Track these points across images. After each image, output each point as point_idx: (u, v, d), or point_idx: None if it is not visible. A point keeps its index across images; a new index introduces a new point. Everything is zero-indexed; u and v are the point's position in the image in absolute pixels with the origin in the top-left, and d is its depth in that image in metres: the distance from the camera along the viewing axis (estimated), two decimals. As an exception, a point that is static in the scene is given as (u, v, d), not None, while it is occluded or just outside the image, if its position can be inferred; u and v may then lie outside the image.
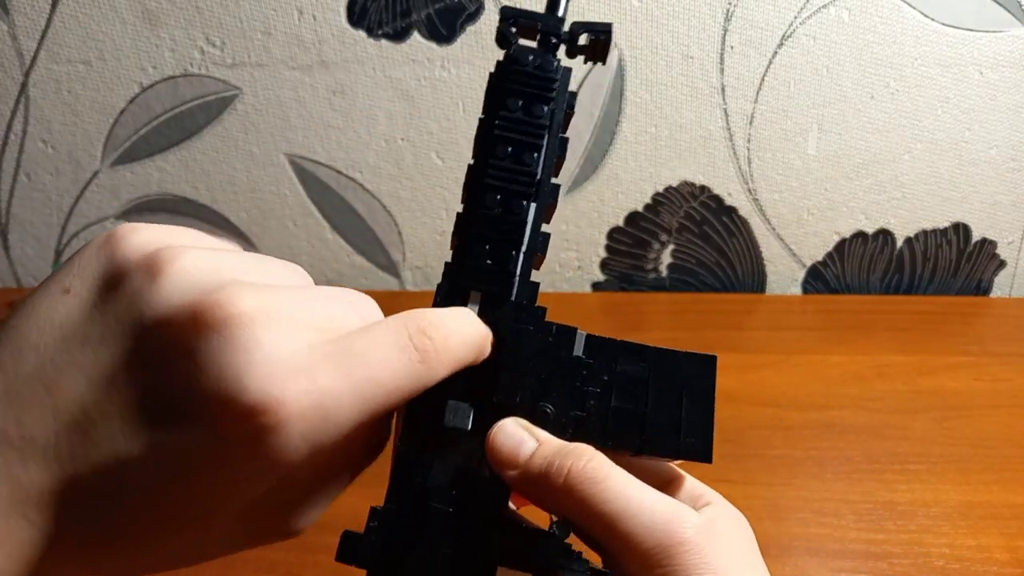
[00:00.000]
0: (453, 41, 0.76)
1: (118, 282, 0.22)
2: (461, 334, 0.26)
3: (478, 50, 0.76)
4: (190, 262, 0.23)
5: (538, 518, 0.28)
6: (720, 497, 0.29)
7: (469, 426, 0.27)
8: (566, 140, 0.31)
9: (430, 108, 0.79)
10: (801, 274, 0.87)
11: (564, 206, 0.84)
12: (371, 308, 0.25)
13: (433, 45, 0.77)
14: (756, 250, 0.85)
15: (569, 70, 0.30)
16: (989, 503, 0.55)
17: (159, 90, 0.80)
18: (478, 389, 0.27)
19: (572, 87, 0.31)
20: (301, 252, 0.87)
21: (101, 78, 0.79)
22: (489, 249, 0.28)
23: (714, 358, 0.30)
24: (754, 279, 0.87)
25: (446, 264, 0.29)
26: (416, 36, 0.76)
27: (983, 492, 0.56)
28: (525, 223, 0.29)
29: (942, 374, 0.69)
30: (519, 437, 0.27)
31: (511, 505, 0.29)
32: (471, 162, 0.30)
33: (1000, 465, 0.58)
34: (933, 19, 0.74)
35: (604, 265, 0.87)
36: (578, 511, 0.26)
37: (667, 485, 0.30)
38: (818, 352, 0.72)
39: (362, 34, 0.76)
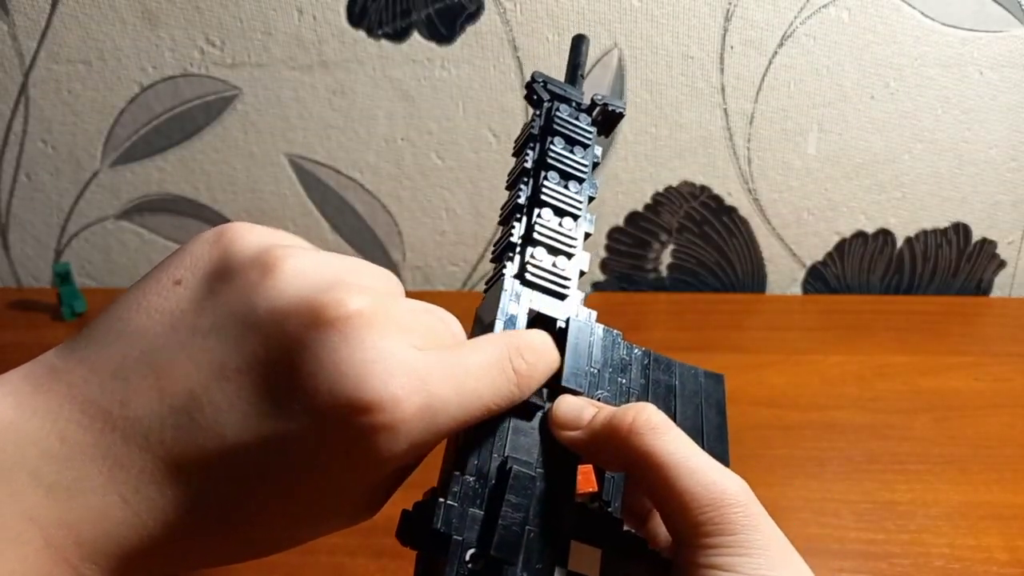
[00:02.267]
0: (453, 41, 0.76)
1: (231, 276, 0.23)
2: (547, 359, 0.28)
3: (478, 50, 0.76)
4: (302, 262, 0.24)
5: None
6: None
7: (545, 406, 0.29)
8: (595, 189, 0.36)
9: (430, 108, 0.79)
10: (801, 274, 0.87)
11: (564, 206, 0.84)
12: (458, 325, 0.27)
13: (433, 45, 0.77)
14: (756, 250, 0.85)
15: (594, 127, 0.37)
16: (989, 503, 0.55)
17: (159, 90, 0.80)
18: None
19: None
20: (301, 252, 0.87)
21: (101, 78, 0.79)
22: (551, 250, 0.32)
23: (723, 376, 0.34)
24: (754, 279, 0.87)
25: (505, 256, 0.32)
26: (416, 36, 0.76)
27: (983, 492, 0.56)
28: (576, 237, 0.33)
29: (942, 374, 0.69)
30: (580, 404, 0.29)
31: None
32: (519, 187, 0.34)
33: (1000, 465, 0.58)
34: (933, 19, 0.74)
35: (604, 265, 0.87)
36: (640, 460, 0.26)
37: None
38: (818, 352, 0.72)
39: (362, 34, 0.76)
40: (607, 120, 0.37)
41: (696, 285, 0.88)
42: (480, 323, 0.31)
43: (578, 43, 0.40)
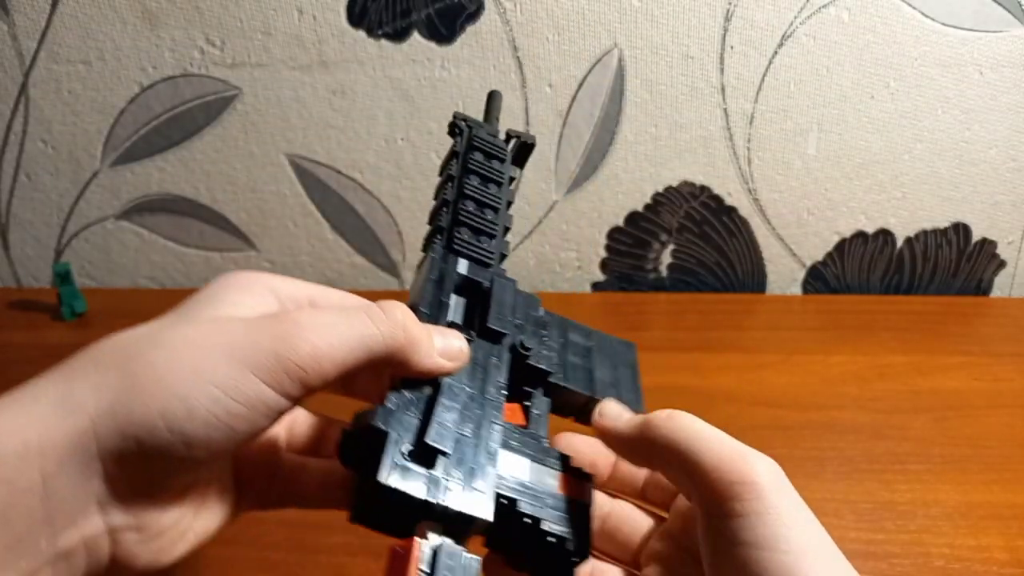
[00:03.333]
0: (453, 41, 0.76)
1: None
2: (402, 308, 0.30)
3: (478, 50, 0.76)
4: None
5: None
6: None
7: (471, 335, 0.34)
8: (513, 195, 0.43)
9: (430, 108, 0.79)
10: (801, 274, 0.87)
11: (564, 206, 0.84)
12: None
13: (433, 45, 0.77)
14: (756, 250, 0.85)
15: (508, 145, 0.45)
16: (989, 503, 0.55)
17: (159, 90, 0.80)
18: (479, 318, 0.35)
19: (571, 90, 0.37)
20: (301, 252, 0.87)
21: (101, 78, 0.79)
22: (472, 233, 0.38)
23: (635, 344, 0.41)
24: (754, 279, 0.87)
25: (435, 237, 0.38)
26: (416, 36, 0.76)
27: (983, 492, 0.56)
28: (496, 224, 0.40)
29: (942, 374, 0.69)
30: (620, 408, 0.32)
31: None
32: (445, 189, 0.41)
33: (1000, 465, 0.58)
34: (933, 19, 0.74)
35: (604, 265, 0.87)
36: (667, 446, 0.28)
37: None
38: (818, 352, 0.72)
39: (362, 34, 0.76)
40: (521, 150, 0.45)
41: (696, 285, 0.88)
42: (411, 294, 0.35)
43: (491, 96, 0.49)
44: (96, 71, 0.79)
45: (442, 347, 0.30)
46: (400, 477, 0.25)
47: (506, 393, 0.32)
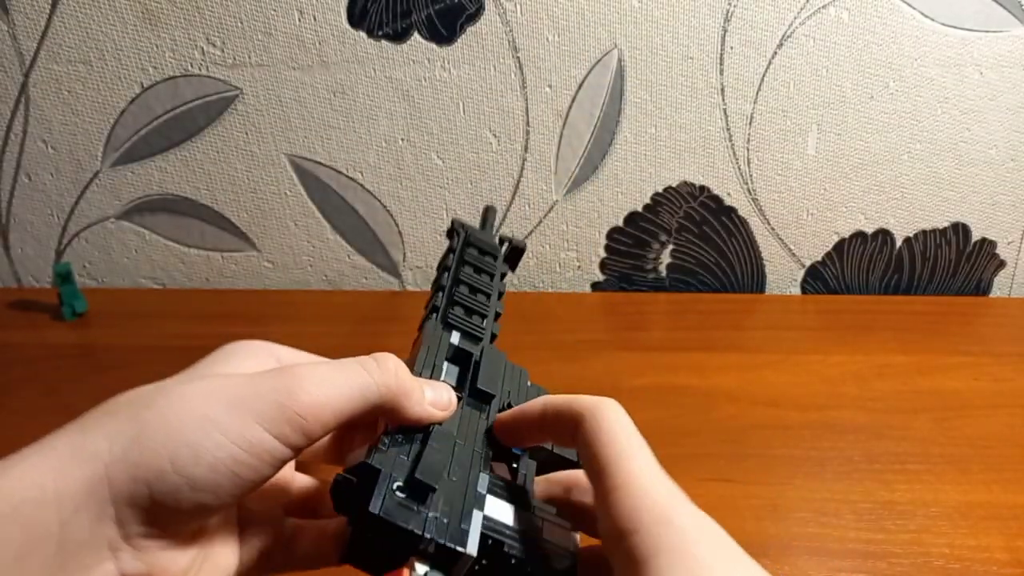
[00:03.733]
0: (453, 42, 0.76)
1: None
2: (394, 360, 0.31)
3: (478, 51, 0.76)
4: None
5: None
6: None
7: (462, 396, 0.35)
8: (503, 287, 0.47)
9: (430, 108, 0.79)
10: (800, 274, 0.87)
11: (564, 206, 0.84)
12: None
13: (433, 46, 0.77)
14: (755, 250, 0.86)
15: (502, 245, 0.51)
16: (989, 503, 0.55)
17: (159, 90, 0.80)
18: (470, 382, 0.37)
19: (571, 91, 0.37)
20: (302, 252, 0.87)
21: (101, 78, 0.79)
22: (465, 312, 0.41)
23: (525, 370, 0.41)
24: (753, 279, 0.87)
25: (430, 316, 0.40)
26: (416, 37, 0.76)
27: (983, 492, 0.56)
28: (488, 307, 0.43)
29: (942, 374, 0.69)
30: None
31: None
32: (442, 277, 0.44)
33: (1000, 465, 0.58)
34: (933, 19, 0.74)
35: (604, 265, 0.87)
36: (585, 448, 0.29)
37: None
38: (818, 352, 0.72)
39: (362, 35, 0.77)
40: (513, 253, 0.50)
41: (695, 285, 0.88)
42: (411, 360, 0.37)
43: (487, 211, 0.55)
44: (96, 71, 0.79)
45: (432, 397, 0.32)
46: (391, 509, 0.26)
47: (492, 452, 0.34)
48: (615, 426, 0.29)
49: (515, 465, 0.35)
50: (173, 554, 0.26)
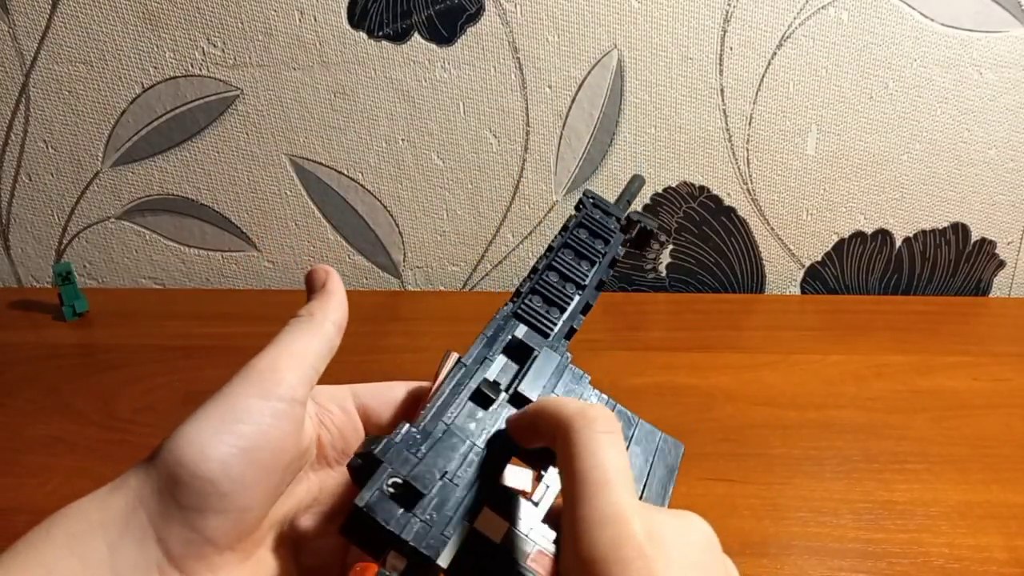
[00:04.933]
0: (453, 42, 0.76)
1: None
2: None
3: (478, 51, 0.76)
4: None
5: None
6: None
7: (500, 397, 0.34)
8: (606, 279, 0.42)
9: (430, 109, 0.79)
10: (800, 274, 0.87)
11: (564, 206, 0.84)
12: None
13: (433, 46, 0.77)
14: (755, 250, 0.86)
15: (622, 236, 0.44)
16: (988, 503, 0.55)
17: (160, 90, 0.80)
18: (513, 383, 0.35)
19: (571, 91, 0.35)
20: (302, 252, 0.87)
21: (102, 78, 0.79)
22: (544, 302, 0.39)
23: (683, 446, 0.37)
24: (753, 279, 0.87)
25: (512, 299, 0.39)
26: (416, 37, 0.77)
27: (982, 492, 0.56)
28: (572, 298, 0.40)
29: (941, 374, 0.69)
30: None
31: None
32: (542, 259, 0.41)
33: (999, 465, 0.58)
34: (932, 20, 0.74)
35: (604, 265, 0.87)
36: (563, 453, 0.28)
37: None
38: (817, 352, 0.73)
39: (362, 35, 0.77)
40: (640, 235, 0.45)
41: (695, 285, 0.88)
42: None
43: (632, 180, 0.50)
44: (97, 71, 0.79)
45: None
46: (376, 505, 0.27)
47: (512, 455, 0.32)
48: (595, 446, 0.27)
49: (543, 473, 0.33)
50: (217, 571, 0.27)
